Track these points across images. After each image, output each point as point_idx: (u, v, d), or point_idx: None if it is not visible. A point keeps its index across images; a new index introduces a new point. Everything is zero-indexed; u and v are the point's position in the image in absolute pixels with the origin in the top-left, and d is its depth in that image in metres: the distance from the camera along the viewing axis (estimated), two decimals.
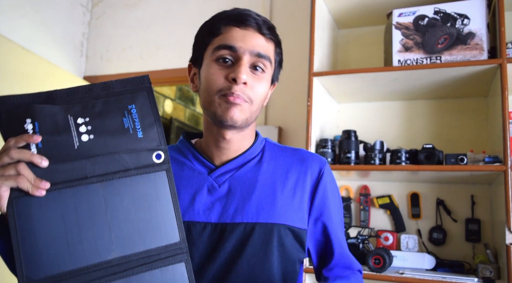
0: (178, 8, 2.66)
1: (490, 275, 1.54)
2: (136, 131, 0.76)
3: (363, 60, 2.14)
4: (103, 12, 2.88)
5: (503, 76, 1.56)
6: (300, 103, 2.14)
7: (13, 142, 0.70)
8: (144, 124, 0.77)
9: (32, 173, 0.70)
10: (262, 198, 0.86)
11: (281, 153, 0.94)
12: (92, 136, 0.74)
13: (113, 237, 0.73)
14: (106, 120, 0.75)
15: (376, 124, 2.07)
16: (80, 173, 0.73)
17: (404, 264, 1.73)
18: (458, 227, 1.86)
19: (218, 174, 0.88)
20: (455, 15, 1.70)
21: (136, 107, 0.77)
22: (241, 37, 0.83)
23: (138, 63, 2.70)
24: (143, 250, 0.74)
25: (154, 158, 0.77)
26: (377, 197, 1.98)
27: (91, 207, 0.73)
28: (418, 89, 1.90)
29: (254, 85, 0.84)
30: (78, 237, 0.72)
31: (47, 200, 0.71)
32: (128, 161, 0.75)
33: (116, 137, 0.75)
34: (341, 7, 2.00)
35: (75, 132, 0.73)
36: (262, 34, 0.85)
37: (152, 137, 0.77)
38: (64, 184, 0.72)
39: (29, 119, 0.72)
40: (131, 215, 0.74)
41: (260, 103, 0.87)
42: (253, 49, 0.83)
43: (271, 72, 0.89)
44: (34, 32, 2.48)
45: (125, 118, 0.76)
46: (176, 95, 4.54)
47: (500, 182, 1.57)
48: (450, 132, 1.96)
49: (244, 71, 0.81)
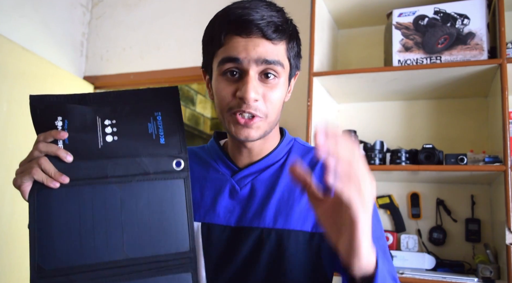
0: (178, 8, 2.66)
1: (490, 275, 1.54)
2: (159, 137, 0.78)
3: (363, 60, 2.14)
4: (103, 12, 2.88)
5: (503, 76, 1.56)
6: (300, 103, 2.14)
7: (42, 137, 0.75)
8: (168, 131, 0.79)
9: (53, 166, 0.74)
10: (281, 203, 0.83)
11: (307, 154, 0.90)
12: (116, 137, 0.77)
13: (125, 238, 0.75)
14: (131, 124, 0.78)
15: (376, 124, 2.07)
16: (101, 172, 0.75)
17: (404, 264, 1.73)
18: (458, 227, 1.86)
19: (240, 176, 0.86)
20: (455, 15, 1.70)
21: (162, 114, 0.80)
22: (244, 47, 0.76)
23: (138, 63, 2.70)
24: (152, 255, 0.75)
25: (174, 165, 0.79)
26: (377, 197, 1.98)
27: (107, 206, 0.75)
28: (418, 89, 1.90)
29: (268, 95, 0.79)
30: (91, 234, 0.74)
31: (67, 194, 0.74)
32: (148, 165, 0.77)
33: (139, 141, 0.78)
34: (341, 7, 2.00)
35: (100, 132, 0.77)
36: (268, 39, 0.77)
37: (174, 144, 0.79)
38: (85, 180, 0.75)
39: (60, 117, 0.77)
40: (145, 218, 0.76)
41: (279, 109, 0.83)
42: (259, 57, 0.76)
43: (288, 71, 0.83)
44: (34, 32, 2.48)
45: (150, 124, 0.79)
46: None
47: (500, 182, 1.57)
48: (450, 132, 1.96)
49: (251, 88, 0.75)
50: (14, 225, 2.11)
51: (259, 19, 0.76)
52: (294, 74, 0.88)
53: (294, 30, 0.84)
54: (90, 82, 2.77)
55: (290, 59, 0.83)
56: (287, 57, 0.82)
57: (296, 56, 0.86)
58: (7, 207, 2.08)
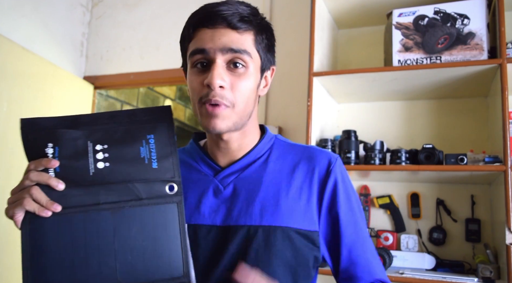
0: (178, 8, 2.66)
1: (490, 275, 1.54)
2: (151, 161, 0.78)
3: (363, 60, 2.14)
4: (103, 12, 2.88)
5: (503, 76, 1.56)
6: (300, 103, 2.14)
7: (33, 166, 0.75)
8: (160, 154, 0.78)
9: (44, 195, 0.73)
10: (267, 200, 0.83)
11: (290, 151, 0.91)
12: (108, 164, 0.76)
13: (118, 266, 0.74)
14: (124, 149, 0.77)
15: (376, 124, 2.07)
16: (93, 198, 0.75)
17: (404, 264, 1.74)
18: (458, 227, 1.86)
19: (223, 176, 0.87)
20: (455, 15, 1.70)
21: (155, 137, 0.79)
22: (210, 37, 0.79)
23: (138, 63, 2.70)
24: (146, 281, 0.75)
25: (167, 189, 0.78)
26: (377, 197, 1.98)
27: (100, 233, 0.75)
28: (418, 89, 1.90)
29: (236, 84, 0.80)
30: (84, 262, 0.73)
31: (59, 223, 0.74)
32: (141, 190, 0.77)
33: (132, 166, 0.77)
34: (341, 7, 2.00)
35: (92, 159, 0.76)
36: (233, 28, 0.79)
37: (166, 168, 0.78)
38: (77, 208, 0.75)
39: (50, 144, 0.76)
40: (138, 244, 0.76)
41: (249, 100, 0.82)
42: (224, 46, 0.78)
43: (258, 62, 0.84)
44: (34, 32, 2.48)
45: (142, 148, 0.78)
46: (176, 95, 4.54)
47: (500, 182, 1.57)
48: (450, 132, 1.96)
49: (217, 75, 0.77)
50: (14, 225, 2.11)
51: (225, 10, 0.79)
52: (268, 68, 0.88)
53: (264, 24, 0.85)
54: (90, 82, 2.77)
55: (260, 51, 0.84)
56: (255, 48, 0.83)
57: (267, 50, 0.86)
58: None
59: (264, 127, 0.94)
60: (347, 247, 0.85)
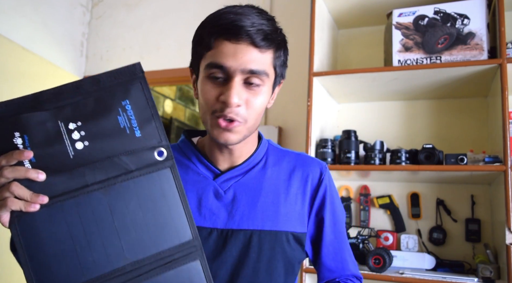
0: (178, 8, 2.66)
1: (490, 275, 1.54)
2: (134, 130, 0.72)
3: (363, 60, 2.14)
4: (103, 12, 2.88)
5: (503, 76, 1.56)
6: (300, 103, 2.14)
7: (4, 161, 0.68)
8: (141, 120, 0.73)
9: (26, 190, 0.68)
10: (267, 206, 0.87)
11: (284, 157, 0.94)
12: (87, 142, 0.71)
13: (123, 243, 0.71)
14: (100, 122, 0.71)
15: (376, 124, 2.07)
16: (80, 182, 0.70)
17: (404, 264, 1.74)
18: (458, 227, 1.86)
19: (223, 179, 0.88)
20: (455, 15, 1.70)
21: (131, 102, 0.73)
22: (232, 54, 0.77)
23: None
24: (155, 252, 0.72)
25: (156, 156, 0.74)
26: (377, 197, 1.98)
27: (96, 215, 0.71)
28: (418, 89, 1.90)
29: (250, 101, 0.80)
30: (87, 248, 0.70)
31: (50, 214, 0.69)
32: (129, 163, 0.72)
33: (113, 140, 0.72)
34: (341, 7, 2.00)
35: (68, 141, 0.70)
36: (257, 47, 0.78)
37: (151, 134, 0.73)
38: (65, 195, 0.70)
39: (17, 133, 0.69)
40: (139, 218, 0.72)
41: (259, 115, 0.84)
42: (245, 67, 0.77)
43: (272, 79, 0.84)
44: (34, 32, 2.48)
45: (120, 117, 0.72)
46: (176, 95, 4.54)
47: (500, 182, 1.57)
48: (450, 132, 1.96)
49: (234, 94, 0.77)
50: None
51: (249, 26, 0.77)
52: (279, 82, 0.89)
53: (282, 39, 0.85)
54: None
55: (276, 68, 0.84)
56: (273, 66, 0.83)
57: (282, 65, 0.86)
58: None
59: (259, 134, 0.96)
60: (327, 244, 0.92)
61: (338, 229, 0.94)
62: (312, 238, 0.93)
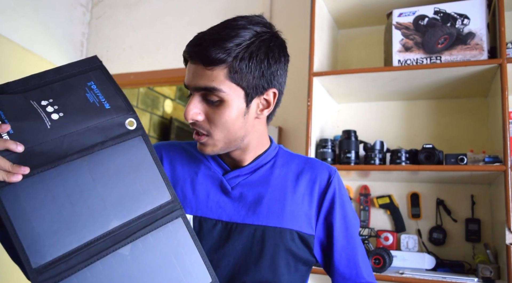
0: (178, 8, 2.66)
1: (490, 275, 1.54)
2: (103, 104, 0.77)
3: (363, 60, 2.14)
4: (103, 12, 2.88)
5: (503, 76, 1.56)
6: (300, 103, 2.14)
7: None
8: (108, 95, 0.78)
9: (7, 161, 0.69)
10: (273, 203, 0.88)
11: (293, 160, 0.96)
12: (61, 114, 0.74)
13: (108, 207, 0.74)
14: (70, 98, 0.75)
15: (376, 124, 2.07)
16: (59, 152, 0.73)
17: (404, 264, 1.74)
18: (458, 227, 1.86)
19: (232, 176, 0.91)
20: (455, 15, 1.70)
21: (95, 82, 0.78)
22: (190, 74, 0.84)
23: (138, 63, 2.71)
24: (140, 214, 0.75)
25: (127, 125, 0.79)
26: (377, 197, 1.98)
27: (79, 182, 0.73)
28: (418, 89, 1.90)
29: (211, 116, 0.83)
30: (74, 214, 0.71)
31: (34, 184, 0.70)
32: (103, 133, 0.76)
33: (85, 112, 0.75)
34: (341, 7, 2.00)
35: (43, 113, 0.73)
36: (205, 65, 0.80)
37: (119, 106, 0.78)
38: (46, 165, 0.72)
39: None
40: (119, 183, 0.75)
41: (232, 127, 0.84)
42: (196, 85, 0.82)
43: (238, 92, 0.82)
44: (34, 32, 2.48)
45: (88, 94, 0.77)
46: (176, 95, 4.54)
47: (500, 182, 1.57)
48: (450, 132, 1.96)
49: (188, 110, 0.82)
50: None
51: (198, 46, 0.81)
52: (261, 92, 0.85)
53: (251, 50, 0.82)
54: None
55: (240, 81, 0.82)
56: (230, 81, 0.81)
57: (255, 77, 0.83)
58: None
59: (270, 138, 0.99)
60: (339, 250, 0.92)
61: (350, 234, 0.93)
62: (322, 243, 0.93)
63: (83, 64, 0.79)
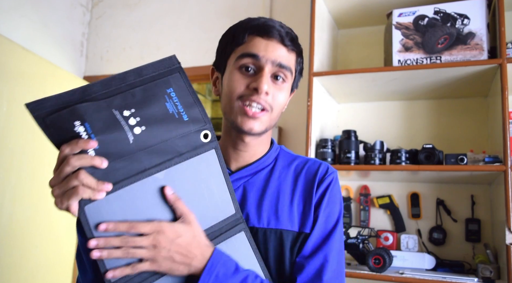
0: (178, 8, 2.66)
1: (490, 275, 1.54)
2: (181, 115, 0.77)
3: (363, 60, 2.14)
4: (103, 12, 2.88)
5: (503, 76, 1.56)
6: (300, 103, 2.14)
7: (68, 150, 0.68)
8: (186, 105, 0.77)
9: (93, 178, 0.69)
10: (273, 205, 0.89)
11: (293, 161, 0.97)
12: (144, 127, 0.73)
13: None
14: (151, 108, 0.74)
15: (376, 124, 2.07)
16: (138, 166, 0.73)
17: (404, 264, 1.74)
18: (458, 227, 1.86)
19: (234, 178, 0.91)
20: (455, 15, 1.70)
21: (175, 89, 0.77)
22: (264, 47, 0.86)
23: (138, 63, 2.69)
24: (206, 228, 0.78)
25: (202, 138, 0.79)
26: (377, 197, 1.98)
27: (156, 197, 0.74)
28: (418, 89, 1.90)
29: (275, 94, 0.87)
30: None
31: (116, 200, 0.71)
32: (181, 145, 0.76)
33: (165, 124, 0.75)
34: (341, 7, 2.01)
35: (126, 126, 0.72)
36: (285, 45, 0.87)
37: (196, 118, 0.78)
38: (126, 180, 0.72)
39: (77, 121, 0.69)
40: (191, 197, 0.77)
41: (280, 111, 0.90)
42: (275, 59, 0.85)
43: (291, 81, 0.91)
44: (34, 32, 2.48)
45: (167, 103, 0.76)
46: None
47: (500, 182, 1.57)
48: (450, 132, 1.96)
49: (265, 81, 0.84)
50: (14, 225, 2.11)
51: (279, 27, 0.88)
52: (293, 90, 0.95)
53: (301, 50, 0.94)
54: (90, 82, 2.76)
55: (296, 72, 0.93)
56: (294, 68, 0.91)
57: (299, 73, 0.95)
58: (7, 207, 2.08)
59: (272, 139, 1.00)
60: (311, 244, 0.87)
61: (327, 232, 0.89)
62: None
63: (162, 66, 0.78)
